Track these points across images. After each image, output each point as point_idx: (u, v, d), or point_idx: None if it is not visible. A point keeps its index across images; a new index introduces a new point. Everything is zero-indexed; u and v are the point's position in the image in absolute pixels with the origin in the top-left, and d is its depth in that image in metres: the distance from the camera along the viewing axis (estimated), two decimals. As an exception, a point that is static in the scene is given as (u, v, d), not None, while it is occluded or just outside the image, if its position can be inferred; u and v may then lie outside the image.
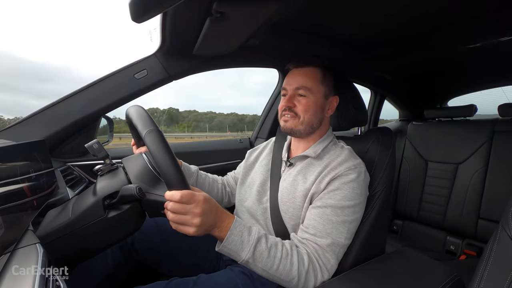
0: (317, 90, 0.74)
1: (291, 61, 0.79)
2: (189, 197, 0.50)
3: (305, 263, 0.60)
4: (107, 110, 0.94)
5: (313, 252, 0.62)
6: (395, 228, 1.73)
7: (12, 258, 0.39)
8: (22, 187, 0.51)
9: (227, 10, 0.60)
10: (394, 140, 0.82)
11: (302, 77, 0.74)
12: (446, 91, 1.88)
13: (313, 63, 0.76)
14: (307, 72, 0.75)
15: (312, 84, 0.74)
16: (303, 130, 0.75)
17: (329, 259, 0.62)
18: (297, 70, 0.77)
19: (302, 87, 0.74)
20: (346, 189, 0.66)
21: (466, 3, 0.77)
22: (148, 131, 0.53)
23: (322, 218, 0.64)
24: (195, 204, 0.50)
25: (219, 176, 0.98)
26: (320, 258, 0.62)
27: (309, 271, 0.60)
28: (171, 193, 0.50)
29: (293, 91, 0.75)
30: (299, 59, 0.77)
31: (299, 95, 0.74)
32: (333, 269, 0.63)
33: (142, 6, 0.51)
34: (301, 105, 0.74)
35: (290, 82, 0.76)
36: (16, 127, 0.84)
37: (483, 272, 0.47)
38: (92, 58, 24.74)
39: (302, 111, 0.74)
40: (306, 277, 0.59)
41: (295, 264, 0.59)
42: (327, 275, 0.62)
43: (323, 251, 0.62)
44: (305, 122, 0.74)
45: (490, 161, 1.38)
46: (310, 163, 0.74)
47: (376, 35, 1.00)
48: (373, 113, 1.85)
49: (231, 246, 0.55)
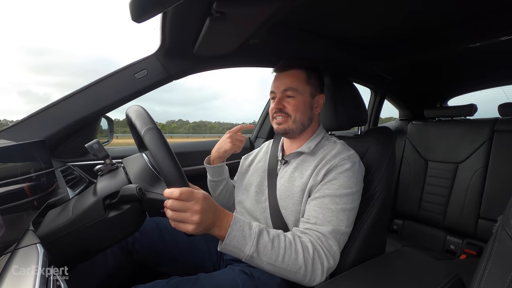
0: (303, 90, 0.78)
1: (276, 66, 0.82)
2: (188, 194, 0.49)
3: (310, 251, 0.59)
4: (107, 110, 0.94)
5: (317, 240, 0.62)
6: (395, 228, 1.73)
7: (13, 258, 0.39)
8: (22, 187, 0.51)
9: (227, 10, 0.59)
10: (394, 139, 0.82)
11: (289, 79, 0.78)
12: (446, 91, 1.88)
13: (297, 65, 0.79)
14: (293, 74, 0.78)
15: (299, 84, 0.77)
16: (296, 129, 0.78)
17: (331, 245, 0.62)
18: (283, 73, 0.80)
19: (290, 89, 0.77)
20: (342, 178, 0.68)
21: (466, 3, 0.76)
22: (147, 129, 0.52)
23: (321, 207, 0.65)
24: (194, 201, 0.50)
25: None
26: (324, 245, 0.62)
27: (315, 258, 0.59)
28: (170, 190, 0.50)
29: (281, 93, 0.78)
30: (284, 63, 0.80)
31: (287, 96, 0.77)
32: (336, 256, 0.63)
33: (142, 6, 0.51)
34: (291, 105, 0.77)
35: (277, 85, 0.79)
36: (16, 127, 0.84)
37: (484, 271, 0.47)
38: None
39: (292, 110, 0.76)
40: (313, 265, 0.59)
41: (300, 253, 0.58)
42: (333, 261, 0.62)
43: (325, 238, 0.62)
44: (297, 120, 0.77)
45: (490, 160, 1.38)
46: (304, 159, 0.76)
47: (376, 35, 1.00)
48: (373, 113, 1.85)
49: (234, 243, 0.55)
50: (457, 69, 1.47)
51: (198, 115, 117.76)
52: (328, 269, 0.61)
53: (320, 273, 0.60)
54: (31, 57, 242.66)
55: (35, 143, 0.64)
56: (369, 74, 1.45)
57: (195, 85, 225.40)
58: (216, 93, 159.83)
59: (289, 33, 0.90)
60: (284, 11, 0.66)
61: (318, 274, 0.60)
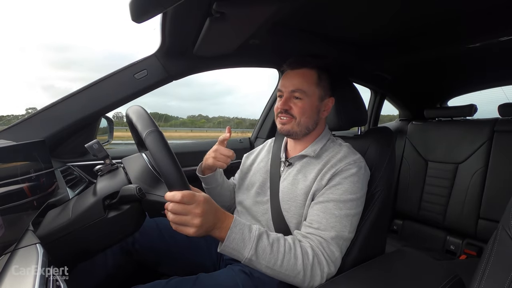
0: (312, 92, 0.74)
1: (287, 62, 0.78)
2: (189, 198, 0.50)
3: (310, 257, 0.59)
4: (107, 110, 0.94)
5: (318, 245, 0.62)
6: (395, 228, 1.73)
7: (12, 258, 0.39)
8: (22, 187, 0.51)
9: (227, 10, 0.59)
10: (393, 140, 0.82)
11: (298, 80, 0.74)
12: (446, 91, 1.88)
13: (309, 64, 0.76)
14: (303, 74, 0.75)
15: (308, 87, 0.74)
16: (300, 132, 0.76)
17: (333, 251, 0.62)
18: (293, 72, 0.76)
19: (298, 90, 0.74)
20: (347, 183, 0.67)
21: (467, 3, 0.76)
22: (149, 132, 0.52)
23: (325, 212, 0.65)
24: (195, 205, 0.50)
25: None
26: (325, 250, 0.61)
27: (315, 264, 0.59)
28: (171, 194, 0.49)
29: (289, 94, 0.75)
30: (295, 60, 0.77)
31: (295, 97, 0.75)
32: (338, 262, 0.63)
33: (142, 6, 0.51)
34: (297, 108, 0.74)
35: (286, 84, 0.76)
36: (16, 127, 0.84)
37: (483, 272, 0.47)
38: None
39: (298, 113, 0.74)
40: (312, 271, 0.59)
41: (299, 258, 0.58)
42: (333, 267, 0.62)
43: (327, 243, 0.62)
44: (301, 124, 0.75)
45: (490, 161, 1.38)
46: (309, 162, 0.75)
47: (376, 35, 1.00)
48: (373, 113, 1.85)
49: (233, 245, 0.55)
50: (457, 69, 1.47)
51: (211, 110, 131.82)
52: (328, 275, 0.61)
53: (319, 278, 0.60)
54: (52, 53, 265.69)
55: (35, 143, 0.64)
56: (369, 74, 1.45)
57: (208, 80, 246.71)
58: (229, 88, 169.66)
59: (289, 33, 0.90)
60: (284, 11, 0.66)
61: (317, 279, 0.60)
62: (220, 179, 0.89)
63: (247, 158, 0.95)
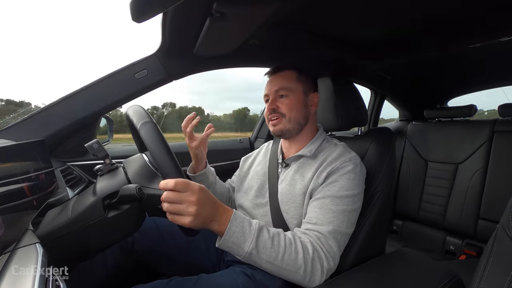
0: (295, 88, 0.78)
1: (266, 72, 0.83)
2: (183, 185, 0.49)
3: (310, 251, 0.59)
4: (107, 110, 0.94)
5: (316, 240, 0.62)
6: (395, 228, 1.73)
7: (12, 258, 0.39)
8: (22, 187, 0.51)
9: (227, 10, 0.59)
10: (394, 140, 0.82)
11: (280, 79, 0.79)
12: (446, 91, 1.88)
13: (287, 67, 0.81)
14: (283, 74, 0.80)
15: (290, 83, 0.78)
16: (292, 129, 0.77)
17: (331, 246, 0.62)
18: (274, 75, 0.81)
19: (282, 88, 0.78)
20: (343, 180, 0.68)
21: (467, 4, 0.77)
22: (143, 122, 0.53)
23: (322, 208, 0.65)
24: (190, 192, 0.49)
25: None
26: (323, 245, 0.61)
27: (315, 258, 0.59)
28: (165, 181, 0.49)
29: (274, 94, 0.79)
30: (273, 67, 0.83)
31: (280, 96, 0.78)
32: (336, 257, 0.63)
33: (142, 6, 0.51)
34: (284, 105, 0.77)
35: (269, 87, 0.80)
36: (16, 127, 0.84)
37: (483, 272, 0.47)
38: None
39: (286, 110, 0.77)
40: (313, 265, 0.59)
41: (300, 252, 0.58)
42: (332, 263, 0.62)
43: (325, 238, 0.62)
44: (292, 119, 0.77)
45: (490, 161, 1.38)
46: (305, 162, 0.76)
47: (376, 35, 1.00)
48: (373, 113, 1.85)
49: (233, 239, 0.54)
50: (457, 69, 1.47)
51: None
52: (328, 271, 0.61)
53: (320, 273, 0.59)
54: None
55: (35, 143, 0.63)
56: (369, 74, 1.45)
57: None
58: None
59: (289, 33, 0.90)
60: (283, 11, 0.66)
61: (318, 275, 0.59)
62: (212, 178, 0.89)
63: (244, 162, 0.96)
